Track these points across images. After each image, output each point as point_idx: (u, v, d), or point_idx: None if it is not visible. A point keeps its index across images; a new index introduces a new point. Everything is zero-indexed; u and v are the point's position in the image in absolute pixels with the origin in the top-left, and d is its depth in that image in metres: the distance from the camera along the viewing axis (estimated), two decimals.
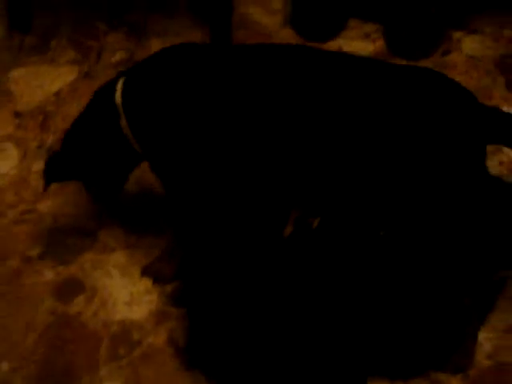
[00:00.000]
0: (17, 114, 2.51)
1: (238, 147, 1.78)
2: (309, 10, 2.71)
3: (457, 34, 2.70)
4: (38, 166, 2.22)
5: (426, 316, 1.92)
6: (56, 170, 1.99)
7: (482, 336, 1.98)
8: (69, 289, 2.08)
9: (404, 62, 2.53)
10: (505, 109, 2.30)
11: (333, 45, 2.66)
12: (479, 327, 1.97)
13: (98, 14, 2.86)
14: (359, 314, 1.87)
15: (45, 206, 2.25)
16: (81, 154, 1.97)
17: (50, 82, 2.62)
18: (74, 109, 2.20)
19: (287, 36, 2.71)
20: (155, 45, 2.58)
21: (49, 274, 2.10)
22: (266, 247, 1.92)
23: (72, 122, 1.98)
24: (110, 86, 1.90)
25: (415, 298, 1.89)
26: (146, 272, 2.11)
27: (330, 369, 1.86)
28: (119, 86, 1.87)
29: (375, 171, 1.73)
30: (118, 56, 2.70)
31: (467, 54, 2.65)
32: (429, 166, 1.72)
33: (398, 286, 1.86)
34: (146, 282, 2.09)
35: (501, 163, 2.31)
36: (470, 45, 2.68)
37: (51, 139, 2.42)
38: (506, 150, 2.27)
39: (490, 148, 1.80)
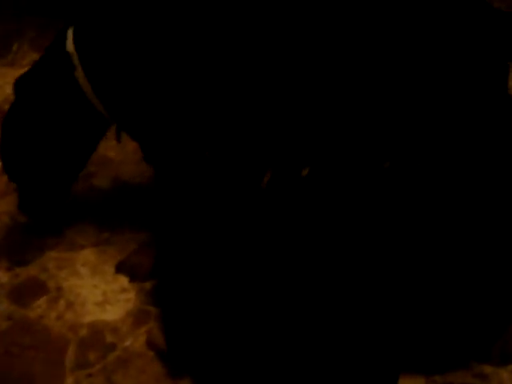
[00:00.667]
0: None
1: (209, 86, 1.46)
2: None
3: None
4: None
5: (460, 288, 1.57)
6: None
7: None
8: (28, 291, 1.73)
9: None
10: None
11: None
12: None
13: (62, 19, 2.61)
14: (370, 289, 1.51)
15: (1, 203, 1.92)
16: (26, 131, 1.65)
17: (10, 83, 2.33)
18: None
19: None
20: None
21: (3, 277, 1.76)
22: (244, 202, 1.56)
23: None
24: (58, 38, 1.60)
25: (441, 262, 1.54)
26: (121, 268, 1.77)
27: (335, 370, 1.50)
28: (69, 33, 1.57)
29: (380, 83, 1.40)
30: None
31: None
32: (443, 81, 1.40)
33: (416, 243, 1.51)
34: (122, 280, 1.76)
35: None
36: None
37: None
38: None
39: None
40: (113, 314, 1.68)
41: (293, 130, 1.44)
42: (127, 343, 1.62)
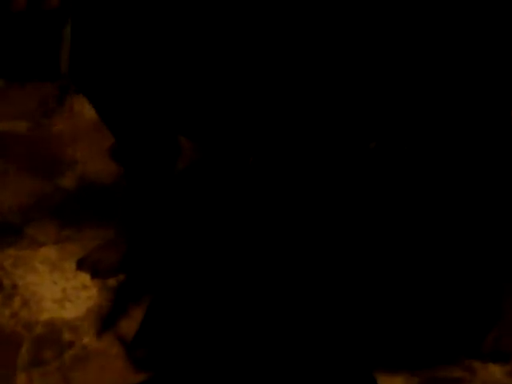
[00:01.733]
0: None
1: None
2: None
3: None
4: None
5: (447, 283, 1.47)
6: None
7: None
8: None
9: None
10: None
11: None
12: None
13: None
14: (350, 281, 1.41)
15: None
16: None
17: None
18: None
19: None
20: None
21: None
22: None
23: None
24: None
25: (428, 254, 1.44)
26: (82, 265, 1.65)
27: (314, 366, 1.39)
28: None
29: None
30: None
31: None
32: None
33: (402, 228, 1.41)
34: (83, 277, 1.63)
35: None
36: None
37: None
38: None
39: None
40: (72, 311, 1.56)
41: (278, 111, 1.33)
42: (86, 340, 1.49)
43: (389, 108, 1.31)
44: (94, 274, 1.62)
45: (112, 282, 1.62)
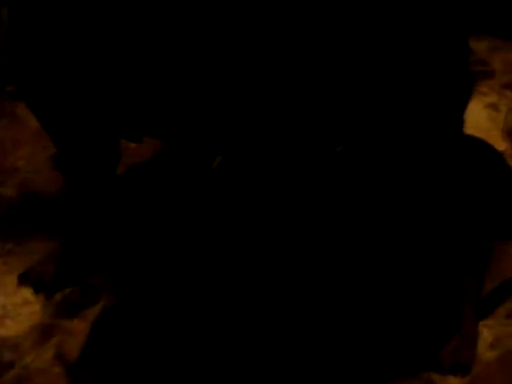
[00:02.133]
0: None
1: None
2: None
3: None
4: None
5: (406, 288, 1.43)
6: None
7: (480, 323, 1.48)
8: None
9: None
10: None
11: None
12: (478, 309, 1.47)
13: None
14: (313, 286, 1.37)
15: None
16: None
17: None
18: None
19: None
20: None
21: None
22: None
23: None
24: None
25: (390, 257, 1.40)
26: (24, 279, 1.57)
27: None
28: None
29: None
30: None
31: None
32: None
33: (365, 234, 1.37)
34: (25, 292, 1.55)
35: None
36: None
37: None
38: None
39: None
40: (13, 329, 1.48)
41: (245, 113, 1.28)
42: (27, 360, 1.42)
43: (355, 112, 1.28)
44: (38, 289, 1.55)
45: (57, 296, 1.54)
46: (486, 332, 1.48)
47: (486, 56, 2.27)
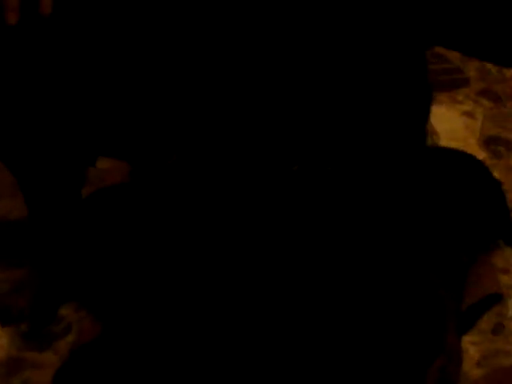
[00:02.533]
0: None
1: None
2: None
3: None
4: None
5: (385, 312, 1.37)
6: None
7: (466, 340, 1.44)
8: None
9: None
10: None
11: None
12: (460, 324, 1.43)
13: None
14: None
15: None
16: None
17: None
18: None
19: None
20: None
21: None
22: None
23: None
24: None
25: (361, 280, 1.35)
26: None
27: None
28: None
29: None
30: None
31: None
32: None
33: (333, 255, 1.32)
34: None
35: None
36: None
37: None
38: None
39: None
40: None
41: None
42: None
43: (309, 129, 1.24)
44: (5, 322, 1.48)
45: (25, 328, 1.48)
46: (473, 349, 1.44)
47: (460, 63, 2.24)
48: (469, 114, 2.09)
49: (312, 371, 1.30)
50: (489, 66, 2.20)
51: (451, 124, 2.03)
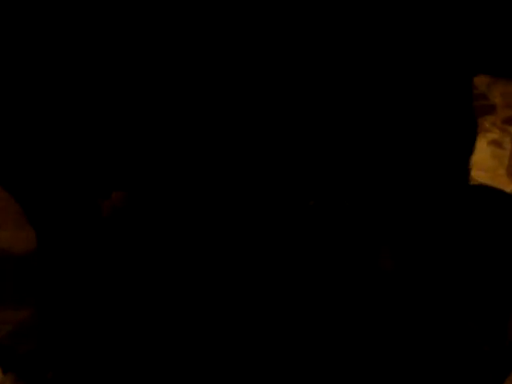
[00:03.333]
0: None
1: None
2: None
3: None
4: None
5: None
6: None
7: None
8: None
9: None
10: None
11: None
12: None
13: None
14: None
15: None
16: None
17: None
18: None
19: None
20: None
21: None
22: None
23: None
24: None
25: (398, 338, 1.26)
26: None
27: None
28: None
29: None
30: None
31: None
32: None
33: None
34: None
35: None
36: None
37: None
38: None
39: None
40: None
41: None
42: None
43: (326, 161, 1.16)
44: (7, 368, 1.39)
45: (28, 375, 1.38)
46: None
47: (485, 89, 2.16)
48: (496, 143, 2.01)
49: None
50: None
51: (478, 154, 1.94)
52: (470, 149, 1.20)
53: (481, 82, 2.22)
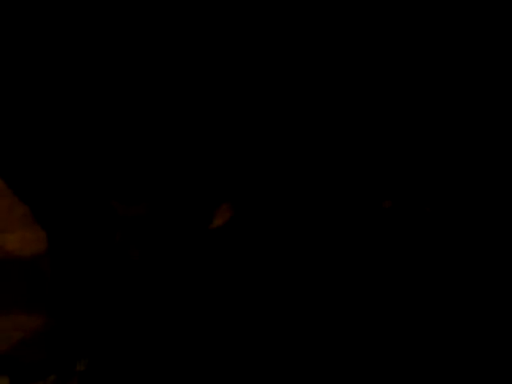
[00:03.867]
0: None
1: None
2: None
3: None
4: None
5: None
6: None
7: None
8: None
9: None
10: None
11: None
12: None
13: None
14: None
15: None
16: None
17: None
18: None
19: None
20: None
21: None
22: None
23: None
24: None
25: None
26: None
27: None
28: None
29: None
30: None
31: None
32: None
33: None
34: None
35: None
36: None
37: None
38: None
39: None
40: None
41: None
42: None
43: (406, 154, 1.06)
44: (15, 379, 1.28)
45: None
46: None
47: None
48: None
49: None
50: None
51: None
52: None
53: None
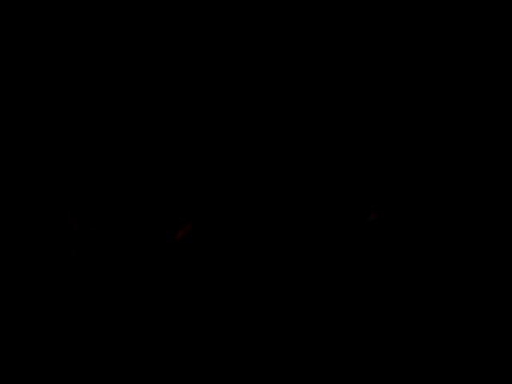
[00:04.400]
0: None
1: None
2: None
3: None
4: None
5: None
6: None
7: None
8: None
9: None
10: None
11: None
12: None
13: None
14: None
15: None
16: None
17: None
18: None
19: None
20: None
21: None
22: None
23: None
24: None
25: None
26: None
27: None
28: None
29: None
30: None
31: None
32: None
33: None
34: None
35: None
36: None
37: None
38: None
39: None
40: None
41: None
42: None
43: (393, 165, 1.06)
44: None
45: None
46: None
47: None
48: None
49: None
50: None
51: None
52: None
53: None
